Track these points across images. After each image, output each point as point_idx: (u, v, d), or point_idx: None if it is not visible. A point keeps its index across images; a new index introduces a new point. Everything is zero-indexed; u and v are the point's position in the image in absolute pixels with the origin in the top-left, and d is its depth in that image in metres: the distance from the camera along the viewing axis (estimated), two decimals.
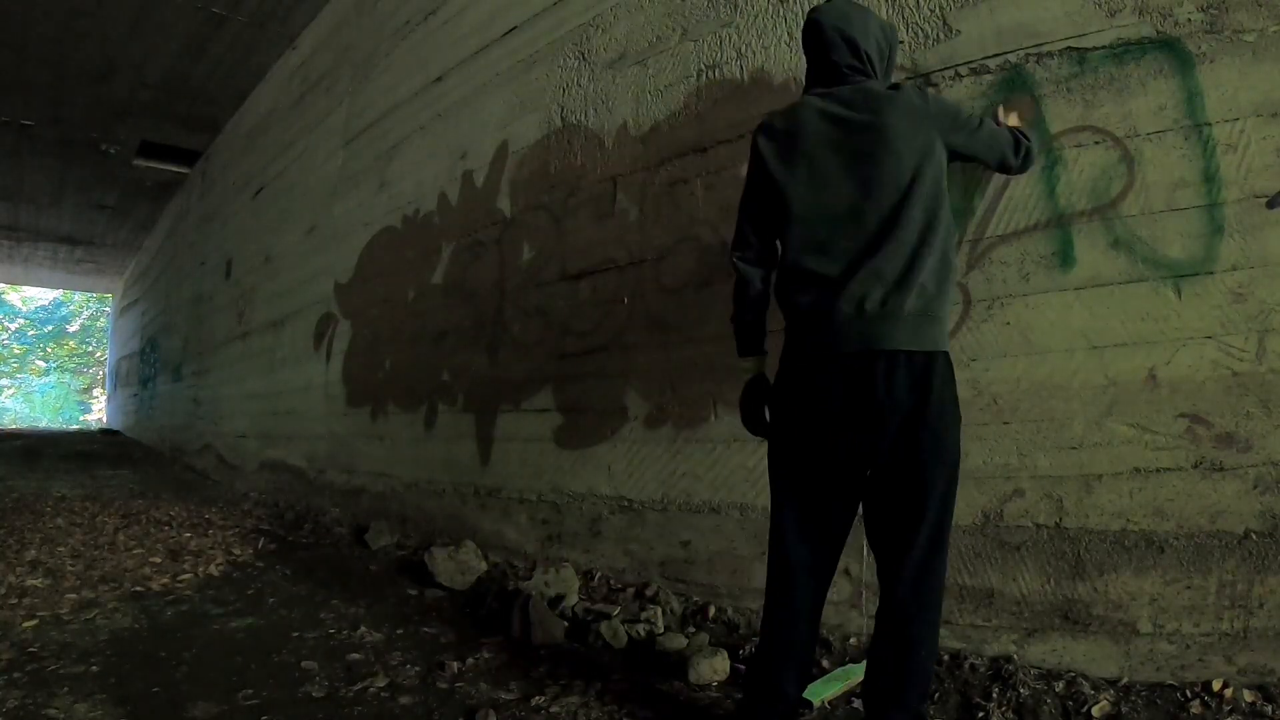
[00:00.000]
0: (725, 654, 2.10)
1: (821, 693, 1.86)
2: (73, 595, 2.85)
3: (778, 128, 1.66)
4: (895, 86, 1.61)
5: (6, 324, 27.18)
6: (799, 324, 1.59)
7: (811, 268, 1.56)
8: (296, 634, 2.48)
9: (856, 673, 1.96)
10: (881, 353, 1.47)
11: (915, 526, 1.48)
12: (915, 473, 1.47)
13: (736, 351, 1.79)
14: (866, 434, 1.49)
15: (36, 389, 27.91)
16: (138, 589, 2.99)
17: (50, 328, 27.41)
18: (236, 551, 3.76)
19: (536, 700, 1.93)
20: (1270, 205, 1.67)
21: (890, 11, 2.23)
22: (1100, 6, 1.88)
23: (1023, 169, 1.80)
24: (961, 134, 1.61)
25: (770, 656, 1.62)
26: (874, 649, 1.56)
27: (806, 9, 2.43)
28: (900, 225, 1.49)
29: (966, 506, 2.00)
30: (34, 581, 3.01)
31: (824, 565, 1.62)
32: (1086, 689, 1.72)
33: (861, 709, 1.83)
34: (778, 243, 1.68)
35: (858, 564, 2.18)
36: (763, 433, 1.73)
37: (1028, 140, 1.78)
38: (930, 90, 1.60)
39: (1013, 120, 1.90)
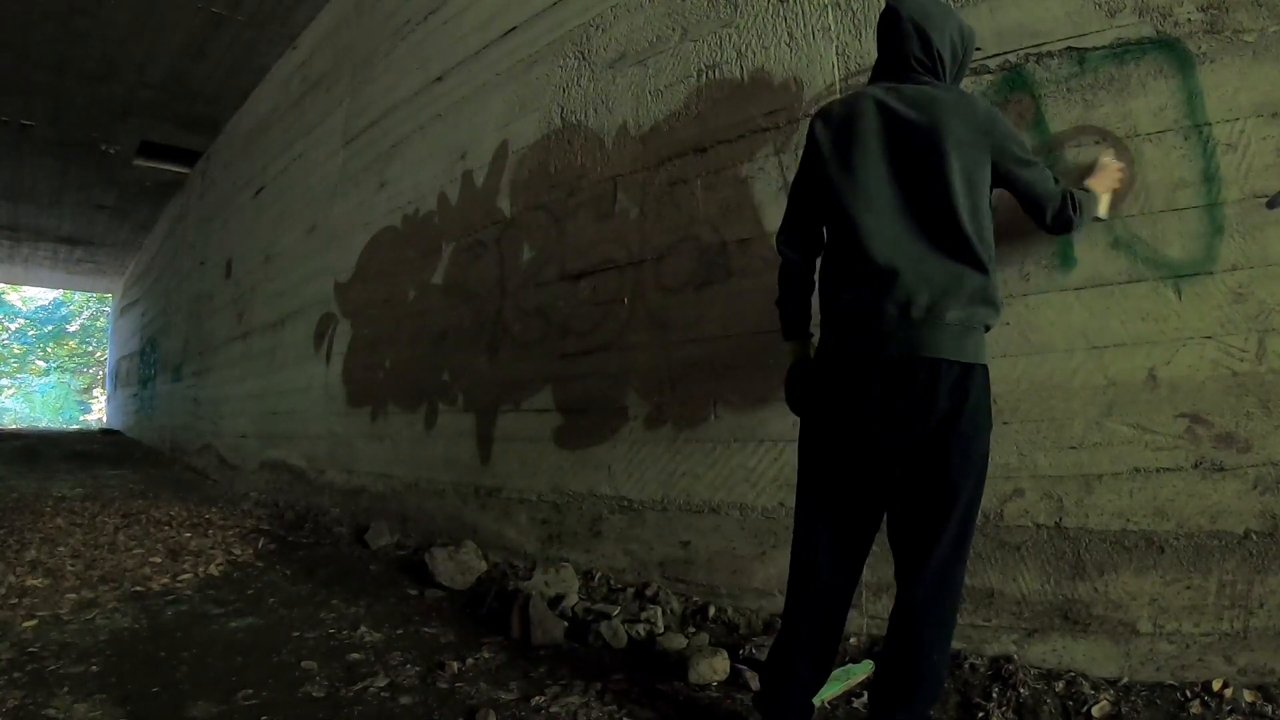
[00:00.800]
0: (725, 654, 2.10)
1: (822, 694, 1.86)
2: (73, 595, 2.85)
3: (835, 115, 1.62)
4: (964, 95, 1.57)
5: (6, 324, 27.18)
6: (840, 319, 1.58)
7: (858, 264, 1.53)
8: (296, 634, 2.48)
9: (857, 673, 1.96)
10: (924, 359, 1.46)
11: (939, 530, 1.48)
12: (944, 478, 1.47)
13: (782, 334, 1.79)
14: (900, 435, 1.48)
15: (36, 389, 27.91)
16: (138, 589, 2.99)
17: (50, 328, 27.41)
18: (236, 551, 3.76)
19: (536, 700, 1.93)
20: (1270, 205, 1.67)
21: None
22: (1100, 6, 1.88)
23: (1054, 229, 1.65)
24: (1011, 163, 1.55)
25: (789, 644, 1.62)
26: (886, 650, 1.56)
27: (806, 9, 2.44)
28: (950, 234, 1.48)
29: None
30: (34, 581, 3.01)
31: (849, 562, 1.61)
32: (1086, 689, 1.72)
33: (863, 709, 1.83)
34: (824, 231, 1.67)
35: None
36: (805, 413, 1.70)
37: (1076, 210, 1.62)
38: (993, 107, 1.60)
39: (1106, 177, 1.79)
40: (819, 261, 1.69)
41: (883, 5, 1.69)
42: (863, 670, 1.98)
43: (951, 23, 1.63)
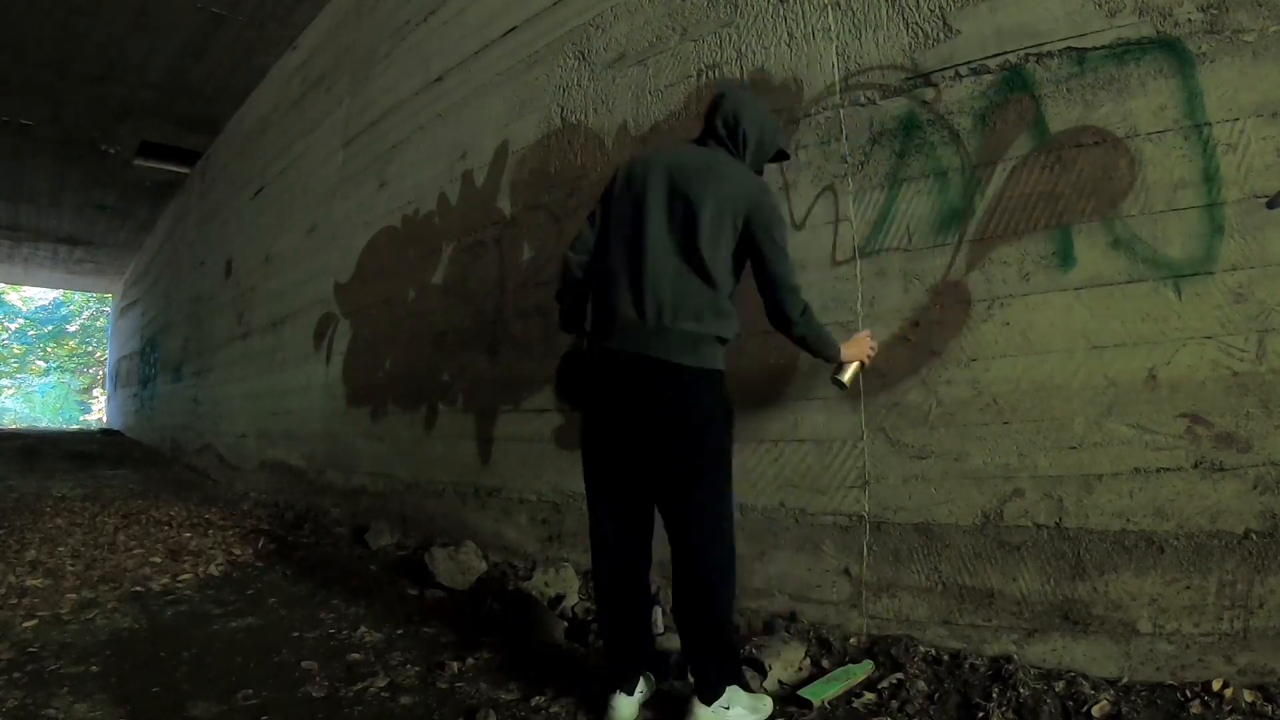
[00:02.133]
0: None
1: (822, 693, 1.86)
2: (73, 595, 2.85)
3: (638, 158, 1.93)
4: (747, 170, 1.86)
5: (6, 324, 27.18)
6: (601, 319, 1.86)
7: (619, 273, 1.82)
8: (296, 634, 2.48)
9: (856, 673, 1.96)
10: (655, 360, 1.73)
11: (694, 513, 1.77)
12: (686, 468, 1.75)
13: (560, 325, 2.04)
14: (641, 421, 1.76)
15: (36, 389, 27.91)
16: (138, 589, 2.99)
17: (50, 328, 27.41)
18: (236, 551, 3.76)
19: (536, 700, 1.93)
20: (1270, 205, 1.67)
21: (890, 11, 2.24)
22: (1100, 6, 1.88)
23: (775, 317, 1.85)
24: (765, 235, 1.77)
25: (602, 611, 1.88)
26: (675, 604, 1.80)
27: (807, 9, 2.44)
28: (695, 255, 1.75)
29: (966, 506, 2.00)
30: (34, 581, 3.01)
31: (631, 531, 1.87)
32: (1086, 689, 1.72)
33: (863, 709, 1.84)
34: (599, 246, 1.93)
35: (857, 564, 2.18)
36: (572, 402, 1.99)
37: (808, 324, 1.85)
38: (770, 195, 1.85)
39: (858, 347, 2.04)
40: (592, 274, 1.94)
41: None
42: (862, 670, 1.98)
43: (769, 124, 1.94)
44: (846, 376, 2.01)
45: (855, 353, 2.03)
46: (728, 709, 1.73)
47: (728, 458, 1.82)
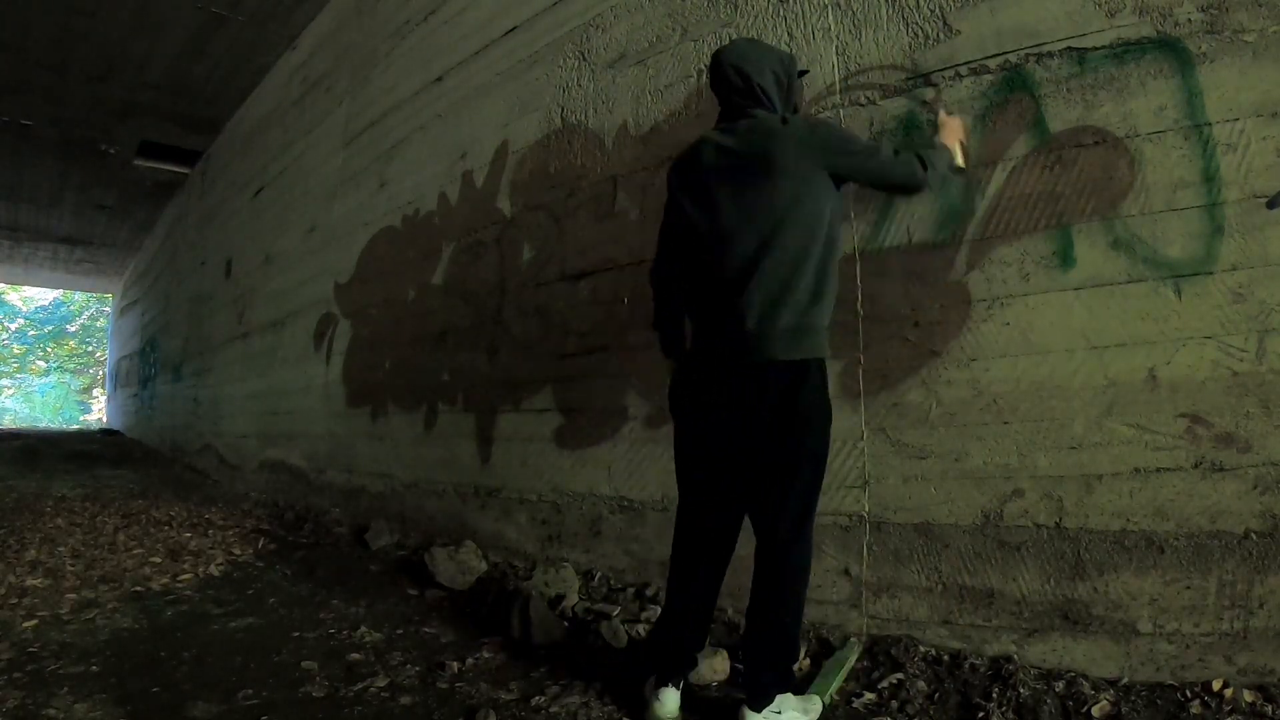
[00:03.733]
0: (725, 654, 2.10)
1: (828, 688, 1.86)
2: (73, 595, 2.85)
3: (685, 164, 1.87)
4: (786, 120, 1.75)
5: (6, 324, 27.17)
6: (700, 335, 1.84)
7: (707, 287, 1.79)
8: (296, 634, 2.48)
9: (847, 657, 1.98)
10: (757, 364, 1.69)
11: (782, 509, 1.74)
12: (784, 464, 1.71)
13: (661, 353, 2.03)
14: (742, 426, 1.72)
15: (36, 389, 27.90)
16: (138, 589, 2.99)
17: (50, 328, 27.40)
18: (236, 551, 3.76)
19: (536, 700, 1.93)
20: (1270, 205, 1.67)
21: (890, 11, 2.24)
22: (1100, 6, 1.88)
23: (912, 194, 1.89)
24: (845, 159, 1.72)
25: (674, 615, 1.87)
26: (748, 614, 1.79)
27: (806, 9, 2.44)
28: (775, 247, 1.68)
29: (966, 506, 2.00)
30: (34, 581, 3.01)
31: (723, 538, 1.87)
32: (1086, 689, 1.72)
33: (863, 709, 1.84)
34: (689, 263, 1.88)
35: (858, 564, 2.18)
36: (682, 413, 1.93)
37: (924, 168, 1.77)
38: (821, 120, 1.80)
39: (950, 131, 1.96)
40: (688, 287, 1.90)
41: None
42: (851, 653, 1.99)
43: (769, 58, 1.83)
44: (960, 160, 1.96)
45: (952, 136, 1.95)
46: (779, 714, 1.70)
47: (825, 459, 1.78)
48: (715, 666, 2.05)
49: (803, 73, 1.98)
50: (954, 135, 1.96)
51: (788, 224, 1.67)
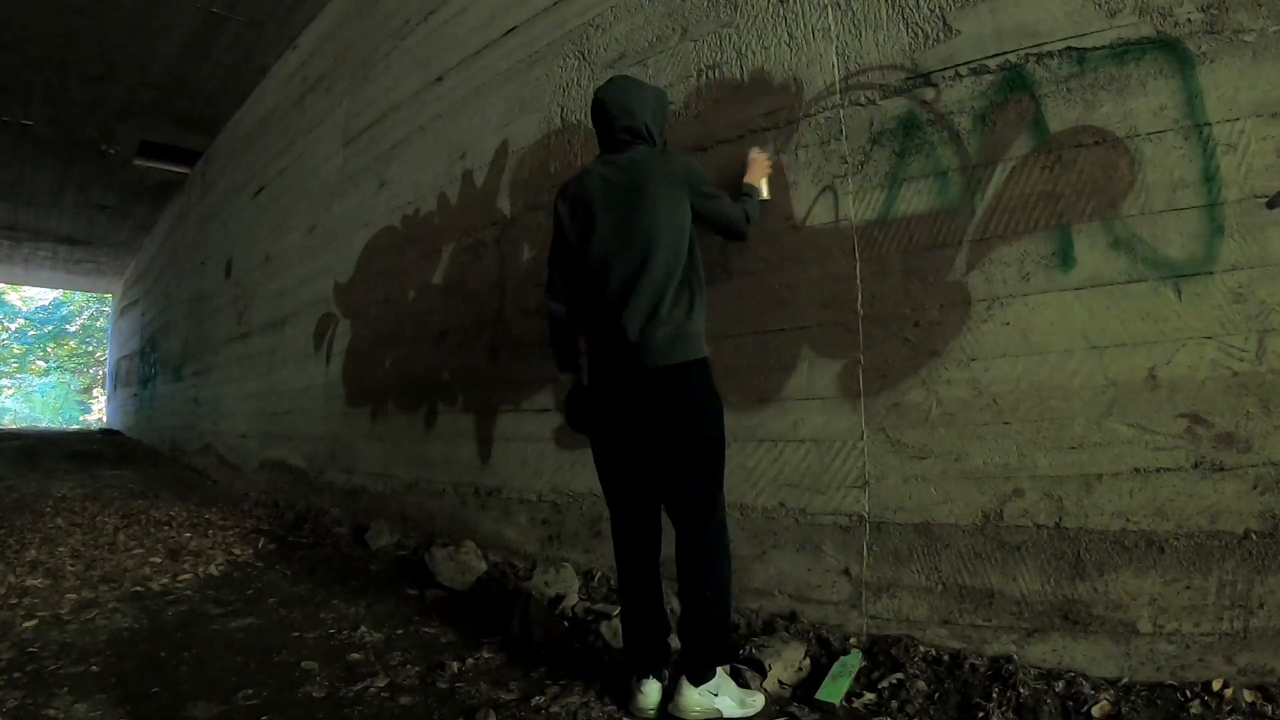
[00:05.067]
0: None
1: (836, 692, 1.86)
2: (73, 595, 2.85)
3: (571, 191, 2.04)
4: (663, 153, 2.00)
5: (6, 324, 27.17)
6: (591, 349, 2.01)
7: (594, 305, 1.96)
8: (296, 634, 2.48)
9: (852, 664, 1.98)
10: (645, 370, 1.87)
11: (691, 496, 1.90)
12: (685, 454, 1.87)
13: (558, 368, 2.16)
14: (641, 427, 1.89)
15: (36, 389, 27.90)
16: (138, 589, 2.99)
17: (50, 328, 27.40)
18: (236, 551, 3.76)
19: (536, 700, 1.93)
20: (1270, 205, 1.67)
21: (890, 11, 2.24)
22: (1100, 6, 1.88)
23: (739, 239, 2.19)
24: (702, 198, 1.99)
25: (627, 607, 2.00)
26: (679, 586, 1.92)
27: (806, 9, 2.44)
28: (650, 268, 1.88)
29: (966, 506, 2.00)
30: (34, 581, 3.01)
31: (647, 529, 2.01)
32: (1086, 689, 1.72)
33: (864, 709, 1.84)
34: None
35: (858, 564, 2.18)
36: (584, 430, 2.07)
37: (748, 220, 2.14)
38: (688, 158, 2.08)
39: (758, 168, 2.30)
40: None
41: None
42: (855, 660, 1.99)
43: (647, 95, 2.05)
44: (766, 193, 2.33)
45: (759, 173, 2.30)
46: (715, 695, 1.78)
47: (722, 444, 1.94)
48: None
49: (670, 104, 2.23)
50: (761, 172, 2.30)
51: (660, 246, 1.88)
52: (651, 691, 1.86)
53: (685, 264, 1.92)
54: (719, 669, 1.84)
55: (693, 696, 1.77)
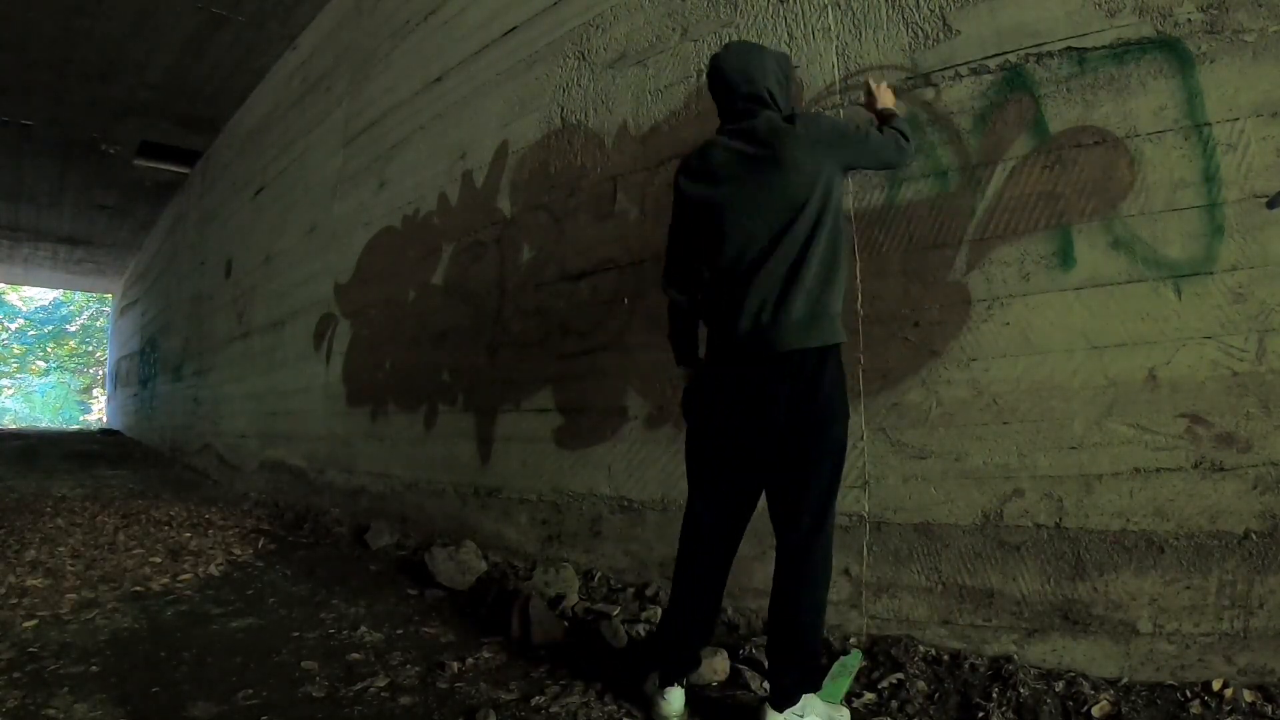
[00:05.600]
0: (725, 654, 2.10)
1: (836, 692, 1.86)
2: (73, 595, 2.85)
3: (694, 166, 1.86)
4: (791, 118, 1.78)
5: (6, 324, 27.17)
6: (714, 336, 1.83)
7: (721, 287, 1.79)
8: (296, 634, 2.48)
9: (851, 664, 1.98)
10: (777, 354, 1.69)
11: (802, 502, 1.73)
12: (805, 457, 1.70)
13: (675, 362, 2.00)
14: (759, 419, 1.72)
15: (36, 389, 27.90)
16: (138, 589, 2.99)
17: (50, 328, 27.40)
18: (236, 551, 3.76)
19: (536, 700, 1.93)
20: (1270, 205, 1.67)
21: (890, 11, 2.24)
22: (1100, 6, 1.88)
23: (904, 164, 1.95)
24: (850, 150, 1.78)
25: (679, 613, 1.87)
26: (772, 600, 1.77)
27: (806, 9, 2.44)
28: (786, 240, 1.70)
29: (966, 506, 2.00)
30: (34, 581, 3.01)
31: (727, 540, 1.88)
32: (1086, 689, 1.72)
33: (864, 709, 1.84)
34: (703, 268, 1.87)
35: (858, 564, 2.18)
36: (695, 419, 1.92)
37: (906, 140, 1.87)
38: (821, 115, 1.87)
39: (885, 97, 2.00)
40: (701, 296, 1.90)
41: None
42: (855, 660, 1.99)
43: (769, 60, 1.86)
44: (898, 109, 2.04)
45: (887, 99, 2.01)
46: (801, 717, 1.69)
47: (844, 449, 1.76)
48: (716, 667, 2.05)
49: (794, 66, 2.04)
50: (887, 97, 2.02)
51: (799, 217, 1.69)
52: (675, 699, 1.80)
53: (827, 235, 1.72)
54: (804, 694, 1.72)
55: None
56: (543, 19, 3.43)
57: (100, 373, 25.70)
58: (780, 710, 1.68)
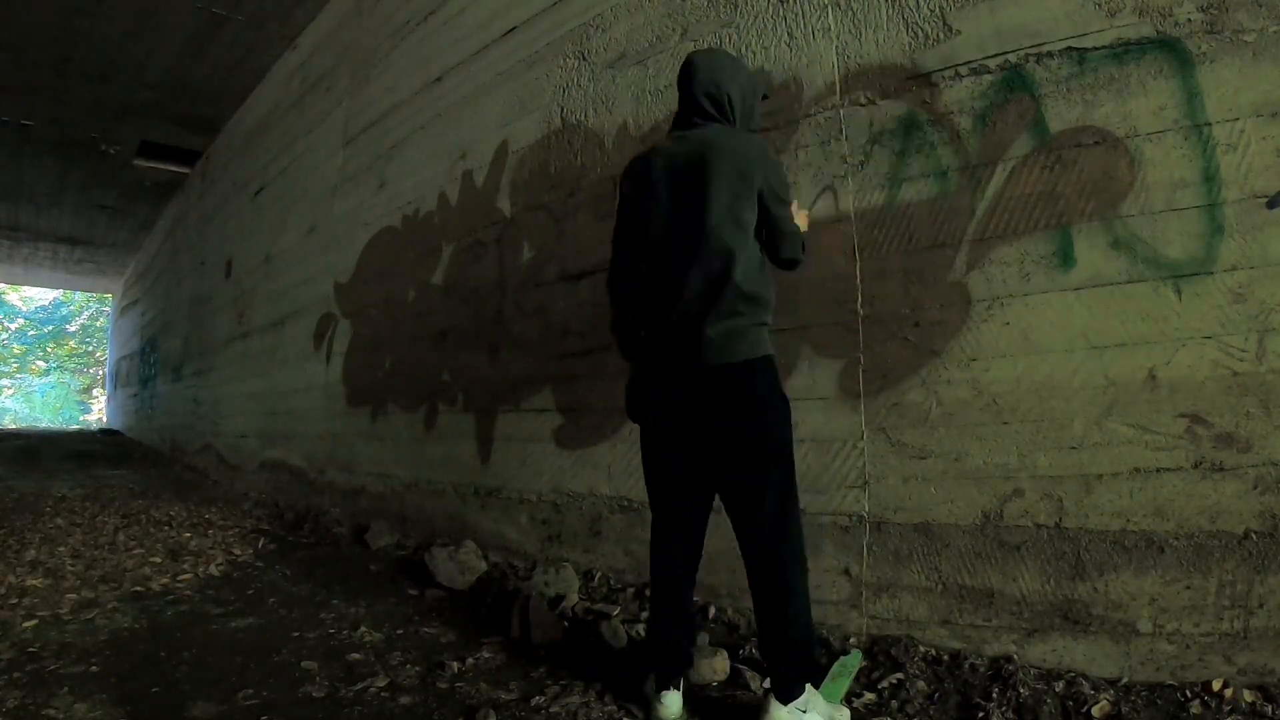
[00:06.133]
0: (725, 654, 2.10)
1: (836, 692, 1.86)
2: (73, 595, 2.85)
3: (635, 169, 1.92)
4: (740, 136, 1.81)
5: (6, 324, 27.18)
6: (649, 338, 1.87)
7: (652, 292, 1.84)
8: (296, 634, 2.48)
9: (851, 664, 1.98)
10: (699, 371, 1.74)
11: (758, 506, 1.75)
12: (751, 461, 1.73)
13: (621, 355, 2.04)
14: (698, 428, 1.78)
15: (36, 389, 27.91)
16: (138, 589, 2.99)
17: (50, 328, 27.41)
18: (236, 551, 3.76)
19: (536, 700, 1.93)
20: (1270, 205, 1.67)
21: (890, 11, 2.24)
22: (1100, 6, 1.88)
23: (785, 265, 1.89)
24: (773, 199, 1.78)
25: (658, 614, 1.89)
26: (754, 601, 1.79)
27: (806, 9, 2.44)
28: (709, 258, 1.73)
29: (966, 506, 2.00)
30: (34, 581, 3.01)
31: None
32: (1086, 689, 1.72)
33: (864, 709, 1.84)
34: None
35: (858, 564, 2.18)
36: (639, 420, 1.98)
37: (804, 250, 1.89)
38: (765, 145, 1.84)
39: (802, 220, 1.99)
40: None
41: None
42: (855, 660, 1.99)
43: (740, 74, 1.89)
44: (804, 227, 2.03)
45: (804, 221, 2.03)
46: (804, 712, 1.69)
47: (790, 448, 1.79)
48: (715, 666, 2.05)
49: (764, 97, 2.04)
50: (802, 219, 2.01)
51: (721, 234, 1.73)
52: (672, 702, 1.81)
53: (748, 254, 1.75)
54: (807, 685, 1.72)
55: (781, 716, 1.68)
56: (543, 19, 3.43)
57: (100, 373, 25.70)
58: (785, 703, 1.69)
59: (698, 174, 1.76)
